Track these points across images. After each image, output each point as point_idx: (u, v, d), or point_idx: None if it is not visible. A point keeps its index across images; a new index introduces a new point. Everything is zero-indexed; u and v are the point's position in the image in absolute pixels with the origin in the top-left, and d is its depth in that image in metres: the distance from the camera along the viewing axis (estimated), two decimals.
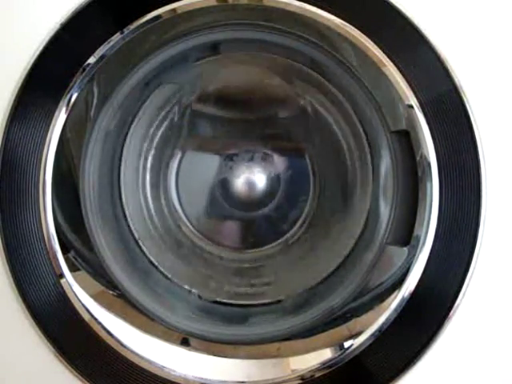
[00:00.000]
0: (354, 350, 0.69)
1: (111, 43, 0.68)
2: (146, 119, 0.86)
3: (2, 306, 0.69)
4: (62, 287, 0.69)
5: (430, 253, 0.66)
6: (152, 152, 0.89)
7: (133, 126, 0.85)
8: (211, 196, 0.90)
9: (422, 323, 0.68)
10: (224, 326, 0.77)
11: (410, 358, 0.68)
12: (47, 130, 0.68)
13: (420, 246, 0.67)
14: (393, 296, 0.68)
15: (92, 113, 0.73)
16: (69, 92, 0.68)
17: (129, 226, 0.85)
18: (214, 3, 0.69)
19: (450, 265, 0.66)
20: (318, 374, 0.69)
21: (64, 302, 0.69)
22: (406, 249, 0.69)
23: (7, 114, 0.67)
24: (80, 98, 0.69)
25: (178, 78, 0.79)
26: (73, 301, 0.69)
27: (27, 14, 0.68)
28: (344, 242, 0.84)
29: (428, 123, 0.66)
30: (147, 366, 0.70)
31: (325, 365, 0.69)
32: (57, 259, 0.69)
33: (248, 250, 0.91)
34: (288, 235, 0.91)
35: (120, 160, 0.84)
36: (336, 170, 0.88)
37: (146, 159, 0.89)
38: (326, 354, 0.70)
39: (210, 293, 0.84)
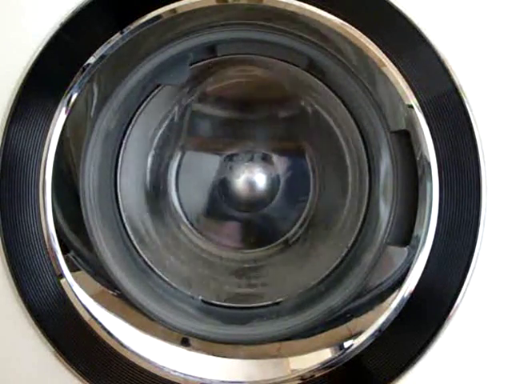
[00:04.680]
0: (354, 349, 0.69)
1: (111, 43, 0.68)
2: (146, 119, 0.86)
3: (1, 306, 0.69)
4: (62, 287, 0.69)
5: (430, 253, 0.67)
6: (152, 152, 0.89)
7: (133, 126, 0.85)
8: (211, 196, 0.90)
9: (421, 323, 0.68)
10: (224, 326, 0.77)
11: (409, 357, 0.68)
12: (47, 130, 0.68)
13: (420, 245, 0.67)
14: (393, 296, 0.68)
15: (92, 113, 0.72)
16: (69, 92, 0.68)
17: (125, 226, 0.85)
18: (214, 3, 0.69)
19: (450, 265, 0.66)
20: (317, 374, 0.69)
21: (64, 302, 0.69)
22: (405, 249, 0.69)
23: (7, 114, 0.67)
24: (80, 98, 0.69)
25: (178, 78, 0.79)
26: (73, 301, 0.69)
27: (27, 14, 0.68)
28: (344, 242, 0.84)
29: (428, 123, 0.66)
30: (147, 366, 0.70)
31: (325, 365, 0.69)
32: (57, 259, 0.69)
33: (248, 250, 0.91)
34: (288, 235, 0.91)
35: (120, 160, 0.85)
36: (336, 170, 0.88)
37: (145, 159, 0.89)
38: (326, 354, 0.70)
39: (209, 293, 0.84)
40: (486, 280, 0.67)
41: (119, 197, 0.84)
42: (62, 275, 0.69)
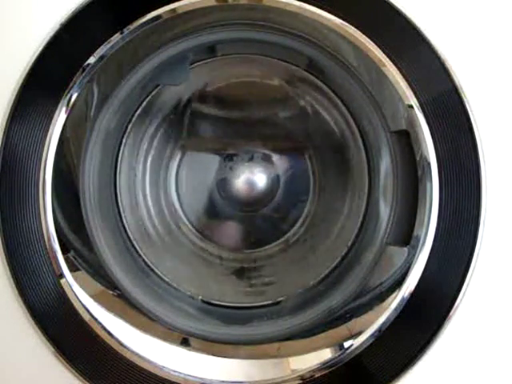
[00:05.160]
0: (354, 349, 0.68)
1: (111, 43, 0.68)
2: (146, 119, 0.86)
3: (2, 306, 0.69)
4: (62, 287, 0.69)
5: (430, 253, 0.66)
6: (152, 152, 0.89)
7: (133, 125, 0.85)
8: (211, 196, 0.90)
9: (422, 323, 0.68)
10: (224, 326, 0.77)
11: (410, 357, 0.68)
12: (47, 130, 0.68)
13: (420, 245, 0.67)
14: (393, 296, 0.68)
15: (92, 113, 0.73)
16: (69, 92, 0.68)
17: (124, 226, 0.85)
18: (214, 3, 0.69)
19: (450, 265, 0.66)
20: (317, 374, 0.69)
21: (64, 302, 0.69)
22: (406, 249, 0.69)
23: (7, 114, 0.67)
24: (80, 98, 0.69)
25: (178, 78, 0.79)
26: (73, 301, 0.69)
27: (27, 14, 0.68)
28: (344, 242, 0.84)
29: (428, 123, 0.66)
30: (147, 366, 0.70)
31: (325, 365, 0.69)
32: (57, 259, 0.69)
33: (248, 250, 0.91)
34: (288, 235, 0.91)
35: (120, 160, 0.85)
36: (336, 170, 0.88)
37: (145, 159, 0.89)
38: (326, 354, 0.70)
39: (209, 293, 0.84)
40: (485, 280, 0.67)
41: (119, 197, 0.84)
42: (62, 275, 0.69)
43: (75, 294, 0.69)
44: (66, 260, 0.70)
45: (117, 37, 0.68)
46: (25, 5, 0.68)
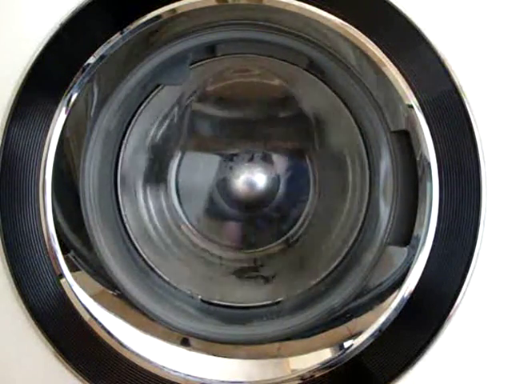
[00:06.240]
0: (354, 349, 0.68)
1: (111, 43, 0.68)
2: (146, 119, 0.86)
3: (1, 306, 0.69)
4: (62, 287, 0.69)
5: (430, 253, 0.67)
6: (152, 152, 0.89)
7: (133, 125, 0.85)
8: (211, 196, 0.90)
9: (422, 323, 0.68)
10: (224, 326, 0.77)
11: (410, 357, 0.68)
12: (47, 130, 0.68)
13: (420, 245, 0.67)
14: (393, 296, 0.68)
15: (92, 113, 0.73)
16: (69, 92, 0.68)
17: (125, 226, 0.85)
18: (214, 3, 0.69)
19: (450, 265, 0.66)
20: (317, 374, 0.69)
21: (64, 302, 0.69)
22: (405, 249, 0.69)
23: (7, 114, 0.67)
24: (80, 98, 0.69)
25: (178, 78, 0.79)
26: (73, 301, 0.69)
27: (27, 14, 0.68)
28: (344, 242, 0.84)
29: (428, 123, 0.66)
30: (147, 366, 0.70)
31: (325, 365, 0.69)
32: (57, 259, 0.69)
33: (248, 250, 0.91)
34: (288, 235, 0.91)
35: (120, 160, 0.85)
36: (336, 170, 0.88)
37: (145, 159, 0.89)
38: (326, 354, 0.70)
39: (209, 293, 0.84)
40: (485, 280, 0.67)
41: (119, 196, 0.84)
42: (62, 275, 0.69)
43: (75, 294, 0.69)
44: (66, 260, 0.70)
45: (117, 37, 0.68)
46: (25, 5, 0.68)
